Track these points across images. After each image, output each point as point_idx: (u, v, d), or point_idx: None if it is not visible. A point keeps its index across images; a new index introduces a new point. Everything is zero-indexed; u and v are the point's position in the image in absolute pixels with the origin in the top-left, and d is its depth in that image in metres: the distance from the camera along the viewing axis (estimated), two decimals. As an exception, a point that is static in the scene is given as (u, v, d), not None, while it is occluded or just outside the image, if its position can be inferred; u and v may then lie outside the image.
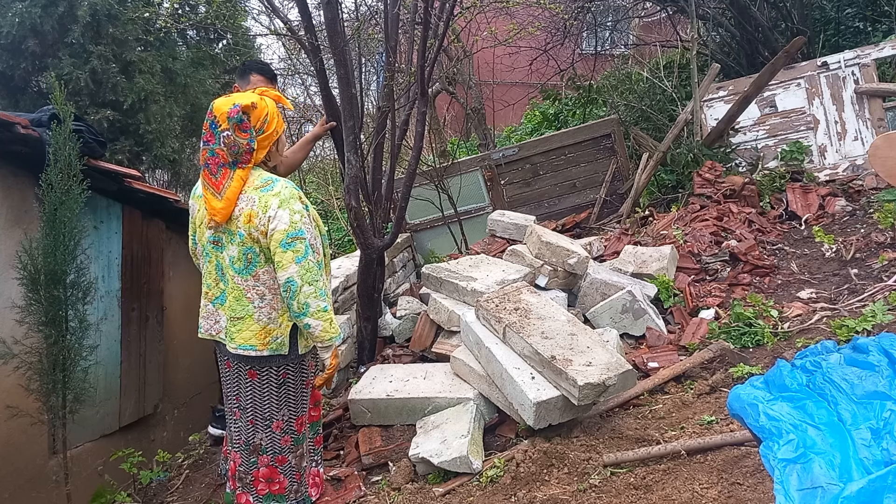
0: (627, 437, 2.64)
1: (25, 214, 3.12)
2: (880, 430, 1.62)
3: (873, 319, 3.05)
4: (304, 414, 2.67)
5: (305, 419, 2.68)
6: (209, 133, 2.43)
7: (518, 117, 11.48)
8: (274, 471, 2.60)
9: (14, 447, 3.03)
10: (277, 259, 2.37)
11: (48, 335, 2.83)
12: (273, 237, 2.36)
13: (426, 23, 3.76)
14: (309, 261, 2.37)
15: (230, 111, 2.38)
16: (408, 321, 4.24)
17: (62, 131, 2.85)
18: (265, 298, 2.47)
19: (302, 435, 2.64)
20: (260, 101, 2.45)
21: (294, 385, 2.59)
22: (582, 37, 10.42)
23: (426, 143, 7.22)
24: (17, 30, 7.32)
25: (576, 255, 3.87)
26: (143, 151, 8.49)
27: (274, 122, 2.48)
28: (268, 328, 2.48)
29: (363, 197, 4.00)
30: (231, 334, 2.52)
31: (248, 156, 2.43)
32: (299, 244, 2.36)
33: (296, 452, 2.62)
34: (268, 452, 2.59)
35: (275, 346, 2.49)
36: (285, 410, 2.58)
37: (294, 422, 2.61)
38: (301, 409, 2.64)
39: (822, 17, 7.92)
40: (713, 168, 5.51)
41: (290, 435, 2.60)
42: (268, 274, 2.46)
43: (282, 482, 2.60)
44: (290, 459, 2.61)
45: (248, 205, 2.40)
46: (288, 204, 2.38)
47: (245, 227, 2.40)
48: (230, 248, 2.47)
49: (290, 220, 2.36)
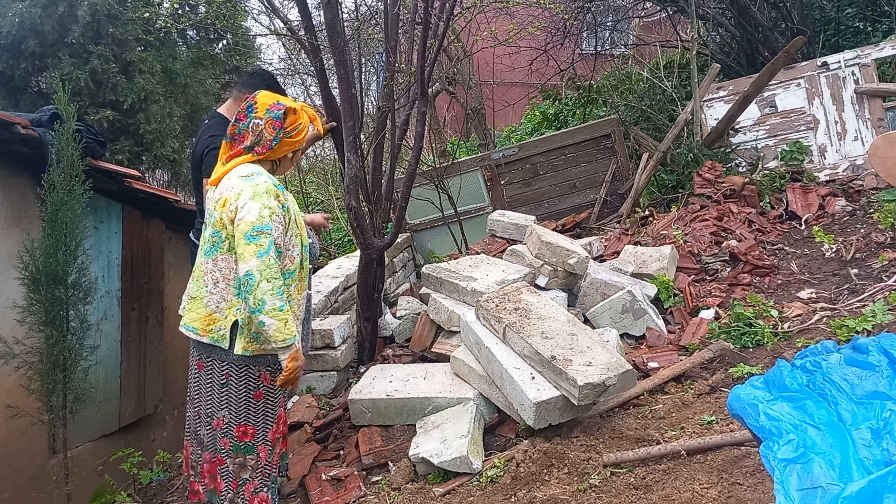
0: (627, 437, 2.64)
1: (26, 214, 3.13)
2: (880, 430, 1.62)
3: (873, 319, 3.05)
4: (254, 426, 2.57)
5: (258, 433, 2.58)
6: (243, 114, 2.53)
7: (518, 117, 11.48)
8: (214, 468, 2.57)
9: (14, 447, 3.04)
10: (240, 251, 2.33)
11: (49, 335, 2.84)
12: (239, 227, 2.35)
13: (426, 23, 3.76)
14: (270, 257, 2.33)
15: (272, 106, 2.50)
16: (408, 321, 4.24)
17: (65, 131, 2.86)
18: (218, 285, 2.50)
19: (246, 445, 2.56)
20: (301, 111, 2.57)
21: (237, 390, 2.53)
22: (582, 37, 10.42)
23: (426, 143, 7.22)
24: (17, 30, 7.31)
25: (576, 255, 3.87)
26: (143, 151, 8.48)
27: (302, 134, 2.58)
28: (213, 316, 2.49)
29: (363, 197, 4.01)
30: (183, 311, 2.59)
31: (264, 149, 2.50)
32: (263, 238, 2.33)
33: (234, 459, 2.55)
34: (209, 449, 2.58)
35: (216, 337, 2.48)
36: (226, 412, 2.53)
37: (235, 427, 2.53)
38: (247, 418, 2.55)
39: (822, 17, 7.92)
40: (713, 168, 5.51)
41: (229, 439, 2.54)
42: (225, 262, 2.48)
43: (218, 483, 2.56)
44: (227, 463, 2.55)
45: (227, 190, 2.45)
46: (261, 198, 2.38)
47: (219, 210, 2.45)
48: (207, 229, 2.56)
49: (258, 213, 2.34)
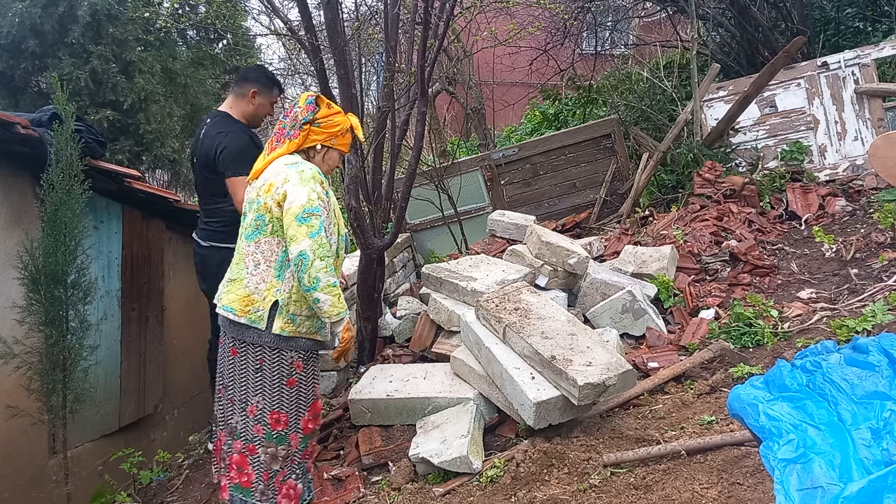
0: (627, 437, 2.64)
1: (25, 214, 3.12)
2: (880, 430, 1.62)
3: (873, 319, 3.05)
4: (287, 414, 2.58)
5: (291, 420, 2.59)
6: (290, 109, 2.72)
7: (518, 117, 11.47)
8: (244, 459, 2.56)
9: (14, 447, 3.03)
10: (292, 233, 2.45)
11: (49, 335, 2.84)
12: (290, 210, 2.45)
13: (426, 23, 3.76)
14: (322, 237, 2.46)
15: (309, 95, 2.69)
16: (408, 321, 4.24)
17: (64, 131, 2.86)
18: (259, 267, 2.57)
19: (279, 434, 2.56)
20: (340, 114, 2.72)
21: (270, 375, 2.55)
22: (582, 37, 10.41)
23: (426, 143, 7.22)
24: (17, 30, 7.32)
25: (576, 255, 3.87)
26: (143, 151, 8.49)
27: (335, 128, 2.68)
28: (251, 297, 2.54)
29: (363, 197, 4.01)
30: (221, 295, 2.65)
31: (297, 132, 2.62)
32: (314, 220, 2.45)
33: (266, 448, 2.55)
34: (240, 437, 2.57)
35: (253, 318, 2.52)
36: (259, 398, 2.55)
37: (269, 414, 2.55)
38: (280, 405, 2.56)
39: (822, 17, 7.92)
40: (713, 168, 5.51)
41: (263, 426, 2.55)
42: (267, 245, 2.56)
43: (249, 475, 2.56)
44: (259, 453, 2.55)
45: (272, 175, 2.55)
46: (308, 182, 2.51)
47: (264, 195, 2.54)
48: (249, 214, 2.63)
49: (308, 196, 2.46)
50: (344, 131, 2.71)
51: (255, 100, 3.46)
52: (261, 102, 3.49)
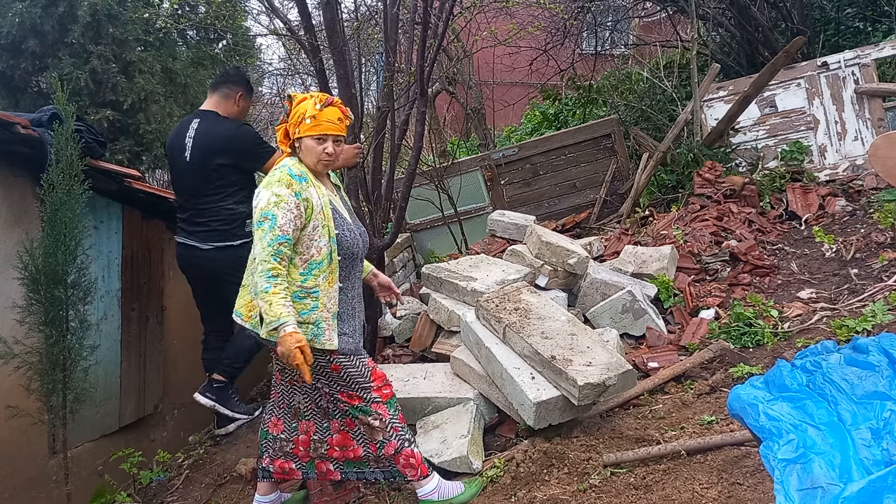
0: (627, 437, 2.64)
1: (25, 214, 3.12)
2: (880, 430, 1.62)
3: (873, 319, 3.05)
4: (352, 391, 2.56)
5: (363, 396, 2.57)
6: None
7: (518, 117, 11.47)
8: (345, 438, 2.64)
9: (14, 447, 3.03)
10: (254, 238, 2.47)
11: (49, 335, 2.83)
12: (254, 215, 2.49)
13: (426, 23, 3.76)
14: (267, 240, 2.38)
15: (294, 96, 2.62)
16: (408, 321, 4.23)
17: (64, 131, 2.85)
18: None
19: (360, 408, 2.57)
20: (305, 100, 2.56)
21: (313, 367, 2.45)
22: (582, 37, 10.42)
23: (426, 143, 7.22)
24: (17, 30, 7.31)
25: (576, 255, 3.87)
26: (143, 151, 8.48)
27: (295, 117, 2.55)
28: (253, 303, 2.54)
29: (363, 197, 4.01)
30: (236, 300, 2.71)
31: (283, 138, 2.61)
32: (266, 224, 2.40)
33: (360, 420, 2.58)
34: (335, 416, 2.65)
35: (254, 323, 2.55)
36: (320, 384, 2.60)
37: (338, 394, 2.58)
38: (340, 388, 2.56)
39: (822, 17, 7.92)
40: (713, 168, 5.51)
41: (342, 404, 2.60)
42: None
43: (356, 449, 2.63)
44: (357, 425, 2.61)
45: None
46: (271, 186, 2.47)
47: None
48: None
49: (266, 200, 2.43)
50: (301, 117, 2.52)
51: (241, 102, 3.62)
52: (244, 105, 3.66)
